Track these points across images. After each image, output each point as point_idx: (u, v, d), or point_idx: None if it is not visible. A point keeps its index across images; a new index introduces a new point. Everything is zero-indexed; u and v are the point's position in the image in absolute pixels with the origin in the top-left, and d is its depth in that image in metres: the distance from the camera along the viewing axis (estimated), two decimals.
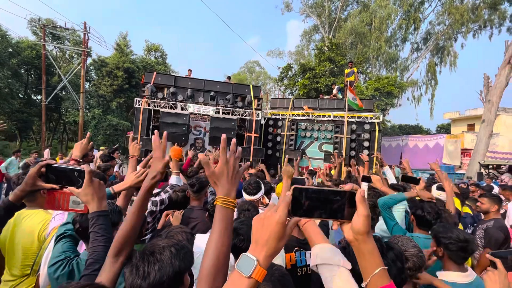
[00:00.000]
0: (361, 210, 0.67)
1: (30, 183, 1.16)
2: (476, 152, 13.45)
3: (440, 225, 1.94)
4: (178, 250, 0.99)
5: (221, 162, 0.86)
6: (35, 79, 22.19)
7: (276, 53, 33.93)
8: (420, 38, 24.26)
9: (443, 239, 1.66)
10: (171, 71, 28.28)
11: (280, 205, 0.66)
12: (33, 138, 26.24)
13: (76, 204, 1.20)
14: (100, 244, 1.10)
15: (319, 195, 0.69)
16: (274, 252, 0.65)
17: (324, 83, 17.89)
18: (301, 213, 0.69)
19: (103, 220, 1.15)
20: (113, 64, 21.80)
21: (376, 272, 0.68)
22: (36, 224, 1.80)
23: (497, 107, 13.36)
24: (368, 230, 0.68)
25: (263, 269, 0.62)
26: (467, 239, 1.63)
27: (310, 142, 12.28)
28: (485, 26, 20.80)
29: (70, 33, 20.97)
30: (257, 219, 0.68)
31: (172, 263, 0.94)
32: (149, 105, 10.47)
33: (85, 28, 16.74)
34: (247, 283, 0.61)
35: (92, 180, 1.15)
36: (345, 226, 0.71)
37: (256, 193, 2.51)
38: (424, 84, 24.45)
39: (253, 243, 0.66)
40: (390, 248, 0.97)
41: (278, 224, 0.64)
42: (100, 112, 21.11)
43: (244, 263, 0.63)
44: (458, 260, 1.64)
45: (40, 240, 1.78)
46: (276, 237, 0.64)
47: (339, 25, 24.46)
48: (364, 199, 0.68)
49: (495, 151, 18.39)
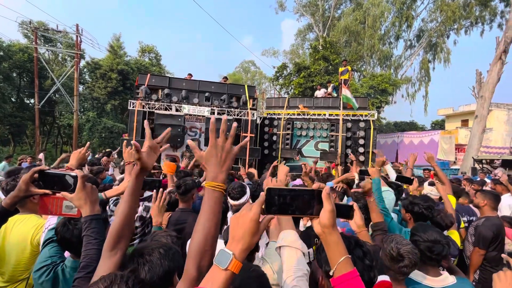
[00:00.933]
0: (326, 206, 0.76)
1: (24, 189, 1.17)
2: (470, 147, 13.62)
3: (420, 223, 1.97)
4: (167, 250, 1.02)
5: (210, 145, 0.87)
6: (27, 82, 21.91)
7: (270, 53, 33.99)
8: (413, 35, 24.49)
9: (414, 236, 1.70)
10: (165, 72, 28.15)
11: (255, 204, 0.74)
12: (27, 142, 25.95)
13: (69, 208, 1.23)
14: (94, 247, 1.12)
15: (291, 193, 0.77)
16: (249, 247, 0.71)
17: (319, 82, 17.95)
18: (274, 211, 0.76)
19: (96, 224, 1.16)
20: (106, 66, 21.63)
21: (341, 260, 0.76)
22: (29, 229, 1.79)
23: (490, 103, 13.54)
24: (333, 224, 0.76)
25: (239, 262, 0.69)
26: (436, 240, 1.59)
27: (306, 141, 12.32)
28: (477, 23, 21.05)
29: (62, 35, 20.76)
30: (234, 217, 0.75)
31: (161, 263, 0.97)
32: (143, 107, 10.41)
33: (78, 30, 16.58)
34: (224, 274, 0.67)
35: (85, 185, 1.18)
36: (314, 220, 0.79)
37: (240, 198, 2.45)
38: (417, 81, 24.67)
39: (230, 239, 0.73)
40: (359, 245, 1.01)
41: (252, 221, 0.71)
42: (95, 115, 20.94)
43: (221, 257, 0.69)
44: (426, 260, 1.61)
45: (33, 245, 1.77)
46: (250, 232, 0.71)
47: (333, 23, 24.57)
48: (329, 196, 0.77)
49: (489, 146, 18.62)
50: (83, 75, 24.08)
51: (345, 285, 0.75)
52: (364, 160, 11.07)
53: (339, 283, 0.75)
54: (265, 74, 39.05)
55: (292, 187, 0.80)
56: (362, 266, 0.94)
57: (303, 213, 0.79)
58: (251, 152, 10.74)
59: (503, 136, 20.62)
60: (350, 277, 0.75)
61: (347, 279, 0.75)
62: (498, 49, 12.98)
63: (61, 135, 26.72)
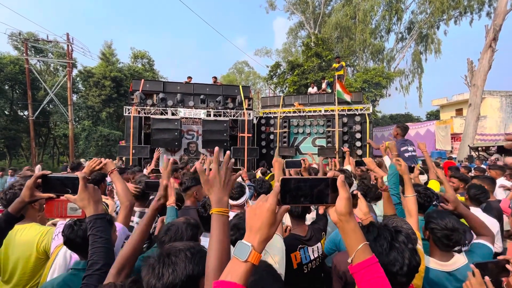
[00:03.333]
0: (342, 193, 0.74)
1: (28, 194, 1.20)
2: (465, 135, 13.74)
3: (435, 210, 1.96)
4: (194, 254, 0.99)
5: (213, 172, 0.94)
6: (20, 94, 21.75)
7: (263, 52, 34.04)
8: (404, 28, 24.66)
9: (431, 223, 1.67)
10: (159, 77, 28.08)
11: (270, 195, 0.73)
12: (23, 155, 25.72)
13: (74, 210, 1.26)
14: (100, 245, 1.15)
15: (305, 183, 0.76)
16: (267, 238, 0.71)
17: (313, 79, 18.01)
18: (290, 201, 0.75)
19: (101, 223, 1.19)
20: (99, 74, 21.53)
21: (360, 248, 0.75)
22: (33, 236, 1.79)
23: (482, 91, 13.66)
24: (350, 211, 0.75)
25: (258, 253, 0.69)
26: (454, 228, 1.59)
27: (303, 138, 12.36)
28: (466, 12, 21.24)
29: (53, 45, 20.58)
30: (250, 209, 0.75)
31: (186, 266, 0.95)
32: (139, 112, 10.38)
33: (68, 39, 16.48)
34: (244, 266, 0.66)
35: (87, 186, 1.21)
36: (330, 209, 0.78)
37: (239, 198, 2.46)
38: (411, 73, 24.86)
39: (247, 231, 0.72)
40: (399, 232, 1.03)
41: (268, 211, 0.71)
42: (90, 123, 20.83)
43: (240, 249, 0.69)
44: (441, 247, 1.62)
45: (39, 252, 1.77)
46: (268, 223, 0.71)
47: (324, 20, 24.65)
48: (344, 184, 0.75)
49: (484, 133, 18.81)
50: (76, 84, 23.94)
51: (364, 272, 0.74)
52: (361, 153, 11.14)
53: (358, 270, 0.75)
54: (259, 74, 39.12)
55: (306, 177, 0.80)
56: (409, 251, 0.95)
57: (318, 202, 0.78)
58: (249, 152, 10.76)
59: (497, 123, 20.82)
60: (369, 263, 0.74)
61: (366, 265, 0.74)
62: (488, 37, 13.11)
63: (57, 146, 26.52)
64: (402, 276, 0.93)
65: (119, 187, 1.73)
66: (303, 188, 0.76)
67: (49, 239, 1.78)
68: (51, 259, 1.68)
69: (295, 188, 0.75)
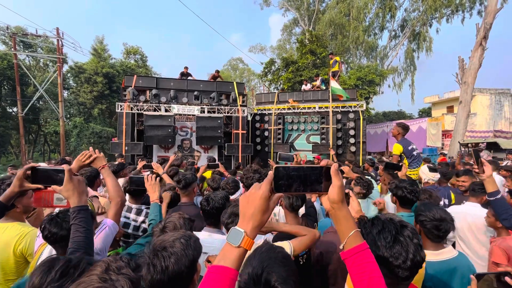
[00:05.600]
0: (335, 181, 0.75)
1: (18, 184, 1.28)
2: (456, 132, 14.00)
3: (423, 203, 2.02)
4: (187, 240, 1.04)
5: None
6: (9, 90, 21.22)
7: (258, 49, 33.89)
8: (397, 25, 24.81)
9: (420, 216, 1.72)
10: (152, 73, 27.71)
11: (264, 182, 0.74)
12: (13, 152, 25.18)
13: (60, 200, 1.34)
14: (81, 234, 1.20)
15: (299, 172, 0.77)
16: (260, 224, 0.73)
17: (308, 76, 18.04)
18: (283, 189, 0.76)
19: (84, 214, 1.24)
20: (91, 70, 21.13)
21: (351, 234, 0.77)
22: (11, 237, 1.73)
23: (473, 88, 13.91)
24: (342, 199, 0.76)
25: (251, 239, 0.70)
26: (442, 218, 1.65)
27: (298, 134, 12.40)
28: (457, 11, 21.47)
29: (43, 40, 20.10)
30: (243, 196, 0.76)
31: (186, 253, 0.99)
32: (131, 109, 10.24)
33: (58, 34, 16.09)
34: (237, 251, 0.68)
35: (72, 178, 1.27)
36: (323, 197, 0.79)
37: (235, 193, 2.57)
38: (403, 71, 25.07)
39: (241, 218, 0.74)
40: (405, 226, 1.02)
41: (261, 199, 0.72)
42: (82, 120, 20.48)
43: (233, 235, 0.70)
44: (433, 238, 1.67)
45: (16, 255, 1.72)
46: (261, 210, 0.72)
47: (318, 17, 24.64)
48: (337, 172, 0.76)
49: (474, 130, 19.19)
50: (67, 80, 23.47)
51: (355, 257, 0.76)
52: (355, 150, 11.25)
53: (349, 255, 0.76)
54: (253, 71, 39.00)
55: (299, 165, 0.80)
56: (414, 246, 0.95)
57: (312, 190, 0.79)
58: (244, 149, 10.75)
59: (486, 120, 21.26)
60: (360, 249, 0.76)
61: (357, 251, 0.76)
62: (479, 36, 13.32)
63: (48, 143, 26.03)
64: (405, 270, 0.92)
65: (109, 183, 1.72)
66: (296, 176, 0.76)
67: (28, 241, 1.74)
68: (35, 258, 1.64)
69: (289, 177, 0.75)
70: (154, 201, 1.92)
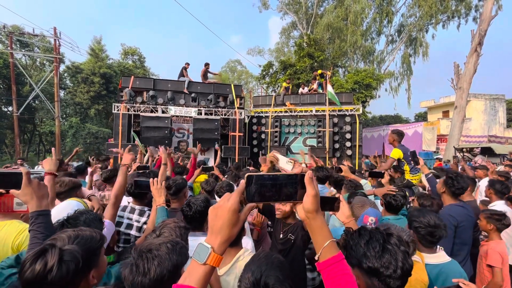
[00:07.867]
0: (309, 190, 0.72)
1: None
2: (451, 137, 14.13)
3: (416, 208, 2.05)
4: (174, 245, 1.03)
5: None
6: (4, 89, 21.02)
7: (256, 51, 33.99)
8: (394, 30, 25.06)
9: (414, 222, 1.74)
10: (150, 74, 27.66)
11: (234, 193, 0.70)
12: (7, 152, 24.89)
13: (19, 205, 1.29)
14: (39, 241, 1.11)
15: (273, 180, 0.73)
16: (228, 239, 0.68)
17: (305, 79, 18.12)
18: (256, 199, 0.72)
19: (43, 219, 1.18)
20: (88, 70, 21.04)
21: (326, 245, 0.73)
22: (10, 234, 1.72)
23: (468, 93, 14.07)
24: (317, 208, 0.73)
25: (219, 255, 0.66)
26: (436, 225, 1.67)
27: (294, 137, 12.43)
28: (453, 17, 21.77)
29: (40, 39, 19.96)
30: (212, 208, 0.71)
31: (170, 257, 0.98)
32: (128, 110, 10.20)
33: (55, 34, 16.00)
34: (202, 269, 0.64)
35: (30, 181, 1.20)
36: (298, 206, 0.75)
37: None
38: (400, 75, 25.29)
39: (209, 232, 0.69)
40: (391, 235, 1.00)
41: (229, 211, 0.67)
42: (78, 120, 20.36)
43: (199, 251, 0.66)
44: (426, 244, 1.70)
45: (14, 250, 1.72)
46: (229, 224, 0.67)
47: (316, 21, 24.81)
48: (311, 180, 0.73)
49: (468, 135, 19.38)
50: (64, 80, 23.32)
51: (331, 269, 0.73)
52: (351, 154, 11.30)
53: (325, 267, 0.73)
54: (251, 73, 39.05)
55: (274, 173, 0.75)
56: (401, 253, 0.94)
57: (286, 199, 0.74)
58: (240, 151, 10.75)
59: (481, 125, 21.49)
60: (335, 260, 0.73)
61: (333, 262, 0.73)
62: (474, 42, 13.50)
63: (43, 143, 25.78)
64: (396, 280, 0.90)
65: (118, 182, 1.83)
66: (270, 184, 0.72)
67: (24, 237, 1.74)
68: None
69: (262, 185, 0.71)
70: (161, 205, 1.89)
